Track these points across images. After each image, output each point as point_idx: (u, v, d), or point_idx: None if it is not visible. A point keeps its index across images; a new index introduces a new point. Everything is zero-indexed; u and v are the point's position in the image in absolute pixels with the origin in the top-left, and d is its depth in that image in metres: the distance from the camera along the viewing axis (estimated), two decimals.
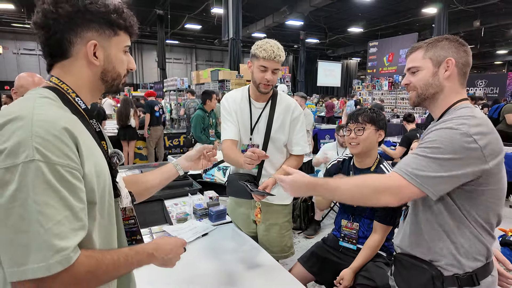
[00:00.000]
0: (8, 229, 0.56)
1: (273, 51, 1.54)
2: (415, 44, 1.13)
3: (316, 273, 1.71)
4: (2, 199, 0.57)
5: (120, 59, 0.81)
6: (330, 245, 1.78)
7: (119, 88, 0.84)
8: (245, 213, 1.81)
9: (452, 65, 1.04)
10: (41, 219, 0.57)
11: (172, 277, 1.27)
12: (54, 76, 0.75)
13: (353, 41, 20.47)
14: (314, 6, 12.16)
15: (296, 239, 3.39)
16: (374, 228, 1.61)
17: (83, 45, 0.74)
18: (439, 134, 0.95)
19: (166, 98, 10.25)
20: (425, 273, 1.03)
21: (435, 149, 0.94)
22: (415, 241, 1.09)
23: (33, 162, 0.57)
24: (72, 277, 0.60)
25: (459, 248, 1.01)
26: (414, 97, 1.11)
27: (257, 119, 1.69)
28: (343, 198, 1.10)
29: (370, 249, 1.58)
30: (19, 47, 18.17)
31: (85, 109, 0.77)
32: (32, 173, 0.57)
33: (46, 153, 0.59)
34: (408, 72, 1.12)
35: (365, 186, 1.01)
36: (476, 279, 1.00)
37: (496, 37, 18.78)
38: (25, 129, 0.59)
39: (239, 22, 9.34)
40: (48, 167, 0.58)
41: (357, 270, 1.57)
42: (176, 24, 15.97)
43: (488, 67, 28.66)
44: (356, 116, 1.69)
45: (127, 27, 0.80)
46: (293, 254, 1.87)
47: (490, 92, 12.50)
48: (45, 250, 0.57)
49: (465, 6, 12.38)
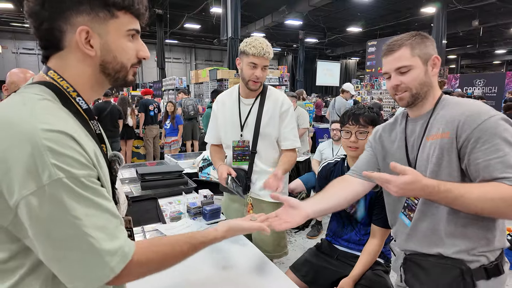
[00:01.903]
0: (58, 250, 0.56)
1: (262, 48, 1.55)
2: (392, 41, 1.07)
3: (310, 282, 1.60)
4: (42, 225, 0.54)
5: (121, 47, 0.68)
6: (325, 252, 1.70)
7: (127, 81, 0.72)
8: (239, 209, 1.81)
9: (438, 62, 1.06)
10: (87, 231, 0.56)
11: (164, 277, 1.26)
12: (52, 70, 0.66)
13: (352, 40, 20.45)
14: (313, 6, 12.14)
15: (293, 238, 3.38)
16: (372, 232, 1.52)
17: (74, 33, 0.64)
18: (496, 123, 0.92)
19: (164, 97, 10.25)
20: (452, 270, 1.00)
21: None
22: (437, 238, 1.04)
23: (58, 181, 0.54)
24: (133, 266, 0.62)
25: (492, 230, 1.00)
26: (408, 97, 1.06)
27: (247, 115, 1.70)
28: (467, 208, 0.92)
29: (370, 255, 1.48)
30: (18, 46, 18.13)
31: (87, 109, 0.68)
32: (62, 191, 0.55)
33: (66, 168, 0.55)
34: (396, 72, 1.06)
35: (501, 199, 0.86)
36: (501, 266, 1.01)
37: (494, 37, 18.77)
38: (35, 144, 0.54)
39: (238, 22, 9.32)
40: (74, 182, 0.56)
41: (358, 278, 1.46)
42: (175, 24, 15.94)
43: (487, 66, 28.68)
44: (357, 117, 1.55)
45: (126, 5, 0.66)
46: (287, 254, 1.85)
47: (489, 91, 12.51)
48: (103, 257, 0.58)
49: (463, 6, 12.37)
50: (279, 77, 8.03)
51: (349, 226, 1.65)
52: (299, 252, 2.85)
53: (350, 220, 1.64)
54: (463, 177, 0.99)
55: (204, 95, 8.30)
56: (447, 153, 1.00)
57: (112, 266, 0.58)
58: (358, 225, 1.62)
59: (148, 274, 0.68)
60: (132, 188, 2.22)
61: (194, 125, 6.49)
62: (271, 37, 19.41)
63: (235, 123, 1.72)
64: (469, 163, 0.96)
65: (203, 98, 8.32)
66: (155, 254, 0.69)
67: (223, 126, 1.79)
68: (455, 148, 0.98)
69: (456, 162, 0.99)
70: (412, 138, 1.12)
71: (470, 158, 0.95)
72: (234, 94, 1.76)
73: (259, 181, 1.70)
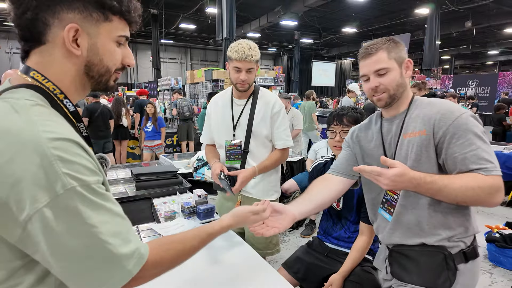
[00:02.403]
0: (76, 261, 0.54)
1: (244, 51, 1.59)
2: (369, 45, 1.13)
3: (301, 278, 1.65)
4: (58, 237, 0.52)
5: (109, 50, 0.66)
6: (316, 250, 1.73)
7: (108, 86, 0.70)
8: (232, 208, 1.83)
9: (411, 65, 1.13)
10: (104, 238, 0.55)
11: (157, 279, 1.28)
12: (35, 71, 0.62)
13: (347, 41, 20.57)
14: (308, 7, 12.21)
15: (287, 237, 3.41)
16: (361, 230, 1.57)
17: (61, 29, 0.60)
18: (467, 120, 1.01)
19: (160, 97, 10.23)
20: (435, 256, 1.08)
21: (482, 133, 1.01)
22: (420, 229, 1.11)
23: (72, 190, 0.53)
24: (149, 266, 0.63)
25: (467, 217, 1.09)
26: (386, 98, 1.12)
27: (239, 115, 1.75)
28: (449, 198, 0.99)
29: (359, 252, 1.53)
30: (12, 46, 17.97)
31: (74, 111, 0.65)
32: (76, 200, 0.53)
33: (78, 176, 0.54)
34: (374, 75, 1.11)
35: (479, 187, 0.95)
36: (477, 250, 1.12)
37: (487, 38, 19.01)
38: (43, 153, 0.51)
39: (233, 22, 9.34)
40: (86, 189, 0.54)
41: (347, 275, 1.51)
42: (170, 24, 15.92)
43: (480, 67, 29.01)
44: (341, 117, 1.62)
45: (122, 12, 0.65)
46: (279, 252, 1.88)
47: (482, 92, 12.68)
48: (121, 262, 0.57)
49: (457, 7, 12.52)
50: (274, 78, 8.07)
51: (338, 224, 1.69)
52: (293, 251, 2.89)
53: (339, 218, 1.68)
54: (440, 171, 1.06)
55: (200, 96, 8.30)
56: (425, 149, 1.06)
57: (130, 269, 0.58)
58: (348, 223, 1.66)
59: (161, 274, 0.68)
60: (127, 188, 2.23)
61: (189, 125, 6.50)
62: (266, 37, 19.46)
63: (228, 123, 1.77)
64: (446, 157, 1.03)
65: (199, 99, 8.33)
66: (168, 253, 0.69)
67: (216, 126, 1.84)
68: (433, 144, 1.05)
69: (434, 157, 1.06)
70: (389, 137, 1.18)
71: (447, 152, 1.02)
72: (227, 95, 1.82)
73: (252, 179, 1.75)
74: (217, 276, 1.31)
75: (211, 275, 1.32)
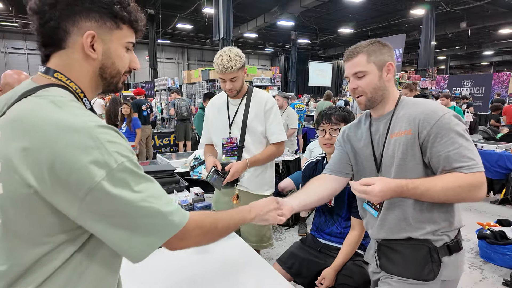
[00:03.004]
0: (129, 220, 0.63)
1: (223, 64, 1.67)
2: (352, 48, 1.18)
3: (295, 274, 1.70)
4: (113, 205, 0.61)
5: (120, 55, 0.75)
6: (309, 245, 1.78)
7: (117, 87, 0.79)
8: (228, 202, 1.94)
9: (392, 68, 1.17)
10: (150, 199, 0.65)
11: (156, 274, 1.31)
12: (59, 72, 0.70)
13: (343, 41, 20.65)
14: (305, 7, 12.26)
15: (282, 235, 3.46)
16: (352, 225, 1.62)
17: (80, 36, 0.68)
18: (449, 119, 1.05)
19: (157, 97, 10.22)
20: (421, 249, 1.13)
21: (464, 131, 1.05)
22: (406, 224, 1.16)
23: (122, 164, 0.62)
24: (192, 224, 0.72)
25: (451, 212, 1.14)
26: (364, 101, 1.17)
27: (235, 114, 1.85)
28: (433, 199, 1.07)
29: (350, 246, 1.58)
30: (7, 46, 17.86)
31: (90, 109, 0.73)
32: (126, 173, 0.63)
33: (125, 153, 0.64)
34: (354, 77, 1.17)
35: (459, 187, 1.01)
36: (460, 243, 1.17)
37: (482, 38, 19.17)
38: (94, 138, 0.60)
39: (230, 22, 9.36)
40: (132, 164, 0.64)
41: (339, 269, 1.56)
42: (167, 24, 15.90)
43: (475, 67, 29.23)
44: (329, 116, 1.68)
45: (131, 21, 0.74)
46: (272, 246, 1.96)
47: (476, 92, 12.80)
48: (167, 217, 0.67)
49: (452, 8, 12.63)
50: (271, 78, 8.11)
51: (330, 220, 1.74)
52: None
53: (331, 215, 1.74)
54: (426, 169, 1.11)
55: (197, 96, 8.33)
56: (411, 148, 1.11)
57: (177, 222, 0.68)
58: (339, 219, 1.71)
59: (203, 241, 0.79)
60: None
61: (187, 126, 6.53)
62: (263, 37, 19.49)
63: (224, 122, 1.88)
64: (431, 156, 1.08)
65: (196, 99, 8.35)
66: (208, 218, 0.80)
67: (214, 126, 1.94)
68: (418, 143, 1.10)
69: (419, 156, 1.11)
70: (377, 136, 1.23)
71: (431, 151, 1.07)
72: (223, 96, 1.93)
73: (247, 173, 1.85)
74: (213, 271, 1.34)
75: (208, 271, 1.35)
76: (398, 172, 1.14)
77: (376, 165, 1.22)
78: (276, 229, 3.55)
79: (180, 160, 3.35)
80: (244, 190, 1.88)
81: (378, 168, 1.22)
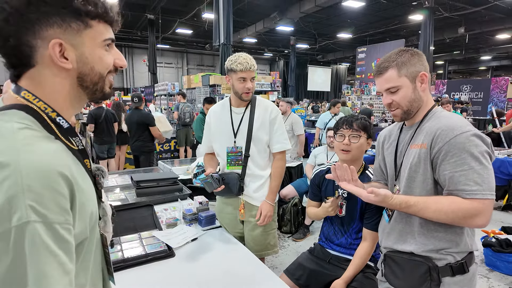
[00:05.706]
0: None
1: (247, 62, 1.72)
2: (381, 64, 1.15)
3: (304, 285, 1.66)
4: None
5: (99, 57, 0.65)
6: (318, 256, 1.75)
7: (105, 93, 0.69)
8: (232, 213, 1.91)
9: (426, 78, 1.13)
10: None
11: (160, 283, 1.29)
12: (26, 91, 0.60)
13: (342, 46, 20.76)
14: (304, 13, 12.33)
15: (286, 243, 3.42)
16: (364, 236, 1.58)
17: (46, 48, 0.59)
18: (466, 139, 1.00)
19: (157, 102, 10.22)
20: (420, 266, 1.11)
21: (480, 153, 1.00)
22: (411, 237, 1.15)
23: (28, 224, 0.48)
24: None
25: (459, 234, 1.10)
26: (400, 114, 1.16)
27: (239, 123, 1.82)
28: (428, 218, 1.08)
29: (361, 258, 1.55)
30: None
31: (68, 128, 0.64)
32: (28, 239, 0.48)
33: (42, 211, 0.49)
34: (386, 92, 1.15)
35: (452, 212, 1.00)
36: (466, 266, 1.10)
37: (480, 44, 19.30)
38: (14, 181, 0.49)
39: (230, 27, 9.38)
40: (46, 227, 0.50)
41: (349, 280, 1.53)
42: (167, 29, 15.95)
43: (473, 72, 29.39)
44: (351, 122, 1.63)
45: (100, 14, 0.63)
46: (277, 253, 1.94)
47: (475, 97, 12.84)
48: None
49: (450, 14, 12.73)
50: (271, 83, 8.10)
51: (340, 231, 1.71)
52: (293, 257, 2.90)
53: (342, 225, 1.70)
54: (436, 185, 1.10)
55: (197, 100, 8.32)
56: (423, 162, 1.10)
57: None
58: (350, 230, 1.68)
59: None
60: (127, 195, 2.23)
61: (188, 131, 6.50)
62: (262, 42, 19.56)
63: (228, 131, 1.84)
64: (439, 174, 1.06)
65: (196, 104, 8.34)
66: None
67: (217, 135, 1.90)
68: (429, 158, 1.08)
69: (430, 171, 1.09)
70: (401, 145, 1.23)
71: (439, 169, 1.05)
72: (226, 105, 1.89)
73: (252, 183, 1.83)
74: (219, 283, 1.32)
75: (213, 281, 1.32)
76: (407, 184, 1.14)
77: (395, 172, 1.23)
78: (279, 236, 3.52)
79: (182, 167, 3.32)
80: (248, 200, 1.86)
81: (396, 176, 1.22)
